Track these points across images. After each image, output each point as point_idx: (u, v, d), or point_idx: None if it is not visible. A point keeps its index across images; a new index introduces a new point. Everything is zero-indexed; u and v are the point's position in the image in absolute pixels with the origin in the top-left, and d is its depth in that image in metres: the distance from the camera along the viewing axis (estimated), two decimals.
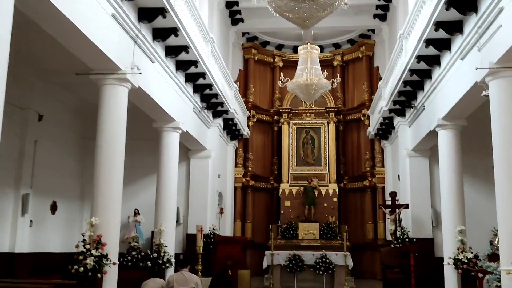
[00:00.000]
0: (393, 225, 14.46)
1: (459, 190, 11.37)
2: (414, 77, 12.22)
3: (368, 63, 20.29)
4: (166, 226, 11.62)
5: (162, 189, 11.89)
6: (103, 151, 8.56)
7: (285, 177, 19.87)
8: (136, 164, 15.20)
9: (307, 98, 14.14)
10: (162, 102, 10.80)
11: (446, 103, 10.95)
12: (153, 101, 10.31)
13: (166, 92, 11.20)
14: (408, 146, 15.01)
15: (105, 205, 8.39)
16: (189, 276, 8.43)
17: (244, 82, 20.42)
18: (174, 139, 12.13)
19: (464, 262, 10.60)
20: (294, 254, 14.43)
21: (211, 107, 14.87)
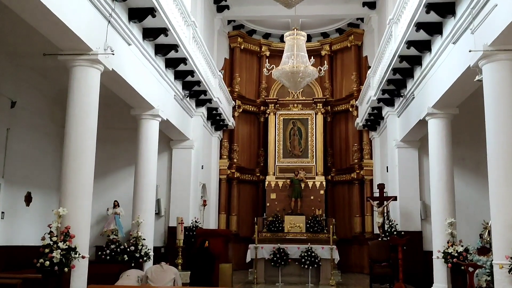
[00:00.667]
0: (381, 218, 14.05)
1: (449, 181, 10.96)
2: (403, 64, 11.77)
3: (356, 52, 19.85)
4: (144, 218, 11.09)
5: (140, 179, 11.35)
6: (72, 137, 8.01)
7: (271, 169, 19.44)
8: (116, 154, 14.70)
9: (293, 87, 13.64)
10: (139, 87, 10.24)
11: (437, 91, 10.52)
12: (129, 86, 9.74)
13: (144, 77, 10.64)
14: (396, 136, 14.61)
15: (74, 195, 7.86)
16: (167, 268, 8.20)
17: (229, 71, 19.91)
18: (153, 127, 11.58)
19: (454, 256, 10.19)
20: (279, 248, 13.97)
21: (193, 95, 14.32)
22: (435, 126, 11.12)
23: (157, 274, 8.06)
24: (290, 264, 13.95)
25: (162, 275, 8.05)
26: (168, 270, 8.25)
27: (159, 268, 8.20)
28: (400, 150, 14.52)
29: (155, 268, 8.22)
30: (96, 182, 14.84)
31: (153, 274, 8.05)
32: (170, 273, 8.17)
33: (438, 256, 10.50)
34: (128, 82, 9.62)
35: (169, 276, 8.12)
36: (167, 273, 8.14)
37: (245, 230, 18.88)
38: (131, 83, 9.80)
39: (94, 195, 14.59)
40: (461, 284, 10.15)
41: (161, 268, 8.20)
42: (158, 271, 8.12)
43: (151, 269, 8.20)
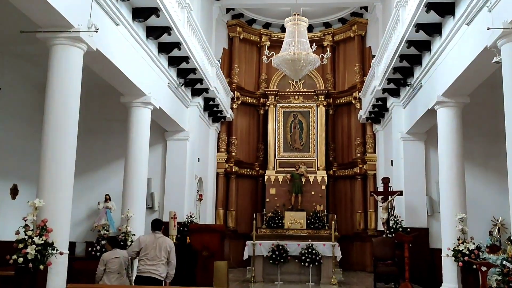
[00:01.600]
0: (385, 213, 13.36)
1: (460, 174, 10.26)
2: (411, 50, 11.07)
3: (360, 43, 19.16)
4: (134, 212, 10.41)
5: (131, 171, 10.66)
6: (52, 123, 7.32)
7: (271, 164, 18.78)
8: (108, 146, 14.04)
9: (294, 75, 12.95)
10: (128, 71, 9.54)
11: (447, 78, 9.83)
12: (117, 69, 9.04)
13: (134, 61, 9.93)
14: (402, 129, 13.92)
15: (53, 185, 7.18)
16: (163, 240, 7.40)
17: (228, 61, 19.23)
18: (144, 115, 10.89)
19: (465, 254, 9.50)
20: (278, 244, 13.27)
21: (189, 83, 13.62)
22: (444, 116, 10.42)
23: (151, 245, 7.24)
24: (289, 261, 13.25)
25: (157, 247, 7.25)
26: (163, 241, 7.38)
27: (153, 238, 7.34)
28: (406, 142, 13.84)
29: (149, 237, 7.37)
30: (87, 175, 14.43)
31: (148, 245, 7.25)
32: (165, 246, 7.34)
33: (448, 254, 9.81)
34: (116, 65, 8.91)
35: (164, 249, 7.30)
36: (162, 245, 7.31)
37: (244, 226, 18.23)
38: (120, 67, 9.09)
39: (85, 188, 14.29)
40: (472, 284, 9.46)
41: (156, 239, 7.35)
42: (153, 242, 7.28)
43: (146, 239, 7.35)
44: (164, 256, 7.27)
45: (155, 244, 7.27)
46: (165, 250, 7.29)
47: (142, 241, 7.37)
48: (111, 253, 7.80)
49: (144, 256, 7.23)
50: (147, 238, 7.43)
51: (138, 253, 7.32)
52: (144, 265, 7.21)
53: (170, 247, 7.39)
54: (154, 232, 7.49)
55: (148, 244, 7.27)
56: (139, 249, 7.31)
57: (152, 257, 7.20)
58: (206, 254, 10.83)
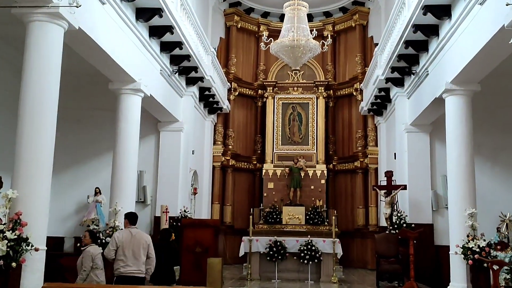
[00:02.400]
0: (388, 208, 12.74)
1: (469, 167, 9.65)
2: (418, 35, 10.44)
3: (361, 32, 18.51)
4: (123, 206, 9.76)
5: (119, 161, 10.04)
6: (28, 108, 6.70)
7: (269, 157, 18.18)
8: (98, 137, 13.41)
9: (293, 62, 12.32)
10: (115, 55, 8.89)
11: (457, 63, 9.20)
12: (102, 51, 8.39)
13: (122, 43, 9.29)
14: (406, 120, 13.30)
15: (30, 176, 6.56)
16: (140, 236, 6.87)
17: (225, 51, 18.57)
18: (134, 103, 10.25)
19: (475, 252, 8.90)
20: (276, 241, 12.63)
21: (183, 71, 12.97)
22: (453, 105, 9.80)
23: (128, 242, 6.72)
24: (288, 258, 12.61)
25: (134, 244, 6.74)
26: (140, 237, 6.87)
27: (129, 234, 6.82)
28: (410, 134, 13.22)
29: (125, 234, 6.83)
30: (76, 168, 13.80)
31: (124, 242, 6.72)
32: (142, 242, 6.84)
33: (457, 252, 9.21)
34: (102, 47, 8.27)
35: (141, 245, 6.80)
36: (139, 241, 6.81)
37: (241, 221, 17.64)
38: (106, 49, 8.45)
39: (74, 181, 13.66)
40: (483, 283, 8.89)
41: (131, 235, 6.82)
42: (129, 239, 6.75)
43: (122, 236, 6.79)
44: (143, 253, 6.76)
45: (132, 242, 6.74)
46: (143, 247, 6.79)
47: (119, 239, 6.77)
48: (95, 248, 7.34)
49: (123, 255, 6.67)
50: (123, 236, 6.82)
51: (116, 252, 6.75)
52: (125, 266, 6.66)
53: (148, 242, 6.89)
54: (129, 227, 6.94)
55: (125, 242, 6.72)
56: (116, 248, 6.72)
57: (130, 256, 6.66)
58: (199, 250, 10.24)
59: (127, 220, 7.06)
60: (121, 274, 6.64)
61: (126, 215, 7.15)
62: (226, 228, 16.90)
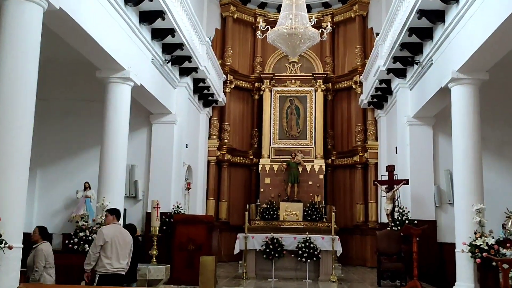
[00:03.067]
0: (390, 204, 12.25)
1: (477, 160, 9.15)
2: (422, 22, 9.93)
3: (361, 24, 17.99)
4: (111, 201, 9.26)
5: (107, 154, 9.51)
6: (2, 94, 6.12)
7: (266, 152, 17.67)
8: (88, 129, 12.83)
9: (291, 52, 11.76)
10: (102, 40, 8.35)
11: (464, 51, 8.70)
12: (86, 35, 7.83)
13: (109, 28, 8.73)
14: (408, 112, 12.80)
15: (3, 168, 5.99)
16: (125, 232, 6.66)
17: (221, 43, 18.04)
18: (123, 93, 9.71)
19: (484, 250, 8.41)
20: (272, 238, 12.11)
21: (176, 61, 12.42)
22: (460, 95, 9.30)
23: (118, 240, 6.36)
24: (285, 256, 12.08)
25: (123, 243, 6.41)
26: (127, 237, 6.59)
27: (118, 231, 6.45)
28: (412, 127, 12.72)
29: (114, 230, 6.42)
30: (65, 162, 13.22)
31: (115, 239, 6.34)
32: (128, 242, 6.57)
33: (464, 250, 8.72)
34: (86, 31, 7.72)
35: (128, 245, 6.52)
36: (126, 241, 6.52)
37: (236, 218, 17.13)
38: (91, 33, 7.90)
39: (62, 176, 13.10)
40: (491, 283, 8.41)
41: (120, 233, 6.48)
42: (119, 237, 6.40)
43: (110, 233, 6.36)
44: (129, 249, 6.50)
45: (120, 238, 6.39)
46: (129, 243, 6.52)
47: (107, 234, 6.34)
48: (47, 245, 7.00)
49: (110, 252, 6.26)
50: (110, 231, 6.41)
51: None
52: (111, 263, 6.26)
53: (130, 239, 6.66)
54: (115, 224, 6.57)
55: (114, 238, 6.33)
56: (104, 243, 6.27)
57: (117, 252, 6.29)
58: (192, 248, 9.73)
59: (114, 216, 6.65)
60: (108, 272, 6.24)
61: (112, 211, 6.74)
62: (221, 225, 16.36)
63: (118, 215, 6.73)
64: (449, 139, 12.06)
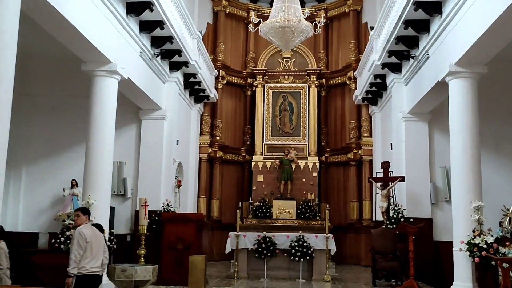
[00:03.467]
0: (385, 202, 11.97)
1: (475, 156, 8.88)
2: (419, 14, 9.65)
3: (355, 19, 17.70)
4: (97, 199, 8.94)
5: (93, 150, 9.16)
6: None
7: (259, 149, 17.35)
8: (75, 126, 12.43)
9: (284, 45, 11.47)
10: (85, 30, 7.99)
11: (462, 43, 8.43)
12: (68, 24, 7.47)
13: (93, 18, 8.38)
14: (403, 108, 12.52)
15: None
16: (98, 231, 6.42)
17: (213, 38, 17.70)
18: (110, 87, 9.36)
19: (482, 248, 8.14)
20: (265, 236, 11.79)
21: (165, 55, 12.07)
22: (457, 89, 9.02)
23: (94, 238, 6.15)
24: (277, 255, 11.78)
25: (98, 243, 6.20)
26: (101, 237, 6.41)
27: (92, 231, 6.22)
28: (408, 123, 12.44)
29: (91, 231, 6.19)
30: (52, 159, 12.79)
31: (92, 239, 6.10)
32: (102, 242, 6.39)
33: (462, 248, 8.44)
34: (68, 19, 7.36)
35: (102, 246, 6.32)
36: (100, 241, 6.32)
37: (229, 216, 16.81)
38: (73, 22, 7.55)
39: (49, 173, 12.69)
40: (490, 283, 8.14)
41: (95, 233, 6.23)
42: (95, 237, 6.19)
43: (88, 232, 6.10)
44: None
45: (96, 238, 6.17)
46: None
47: (88, 235, 6.07)
48: (5, 244, 6.89)
49: (89, 253, 6.01)
50: (88, 231, 6.14)
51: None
52: (89, 263, 6.02)
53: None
54: (88, 223, 6.33)
55: (92, 239, 6.09)
56: (86, 244, 6.01)
57: (95, 252, 6.08)
58: (181, 247, 9.41)
59: (87, 216, 6.36)
60: (86, 272, 5.97)
61: (83, 210, 6.46)
62: (213, 223, 16.06)
63: (90, 213, 6.52)
64: (445, 135, 11.84)
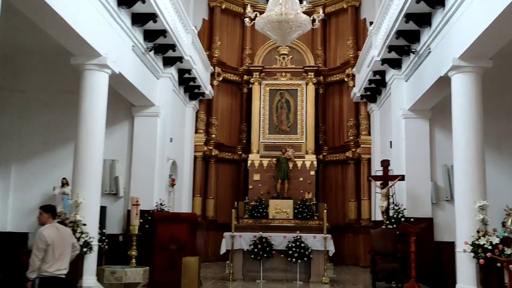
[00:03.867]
0: (385, 201, 11.65)
1: (479, 153, 8.55)
2: (421, 7, 9.34)
3: (354, 15, 17.39)
4: (86, 197, 8.61)
5: (82, 147, 8.85)
6: None
7: (255, 147, 17.01)
8: (67, 122, 12.01)
9: (281, 40, 11.10)
10: (74, 21, 7.64)
11: (466, 36, 8.11)
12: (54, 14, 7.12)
13: (82, 9, 8.04)
14: (403, 105, 12.20)
15: None
16: (64, 230, 6.12)
17: (208, 34, 17.35)
18: (100, 81, 9.02)
19: (487, 249, 7.82)
20: (261, 237, 11.45)
21: (159, 49, 11.71)
22: (461, 84, 8.69)
23: (59, 241, 5.80)
24: (274, 256, 11.42)
25: (63, 243, 5.87)
26: (68, 235, 6.10)
27: (56, 231, 5.87)
28: (408, 121, 12.12)
29: (55, 232, 5.83)
30: (42, 156, 12.40)
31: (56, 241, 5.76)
32: (69, 240, 6.06)
33: (465, 250, 8.10)
34: (54, 9, 7.01)
35: (69, 245, 6.01)
36: (66, 240, 5.99)
37: (224, 216, 16.42)
38: (62, 14, 7.21)
39: (39, 171, 12.25)
40: (496, 285, 7.81)
41: (59, 233, 5.89)
42: (59, 238, 5.84)
43: (51, 234, 5.76)
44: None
45: (61, 239, 5.82)
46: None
47: (49, 236, 5.71)
48: None
49: (51, 255, 5.68)
50: (51, 232, 5.79)
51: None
52: (52, 265, 5.71)
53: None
54: (52, 222, 5.96)
55: (56, 239, 5.74)
56: (46, 246, 5.67)
57: (60, 254, 5.75)
58: (174, 248, 9.06)
59: (49, 214, 6.00)
60: (51, 274, 5.65)
61: (46, 208, 6.08)
62: (208, 223, 15.71)
63: (54, 212, 6.12)
64: (447, 133, 11.54)
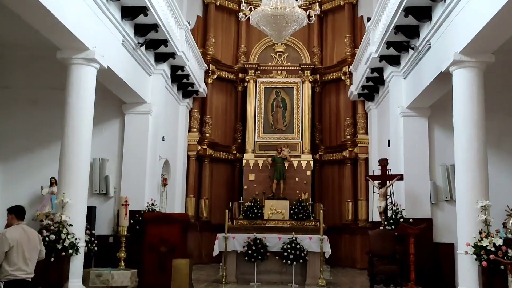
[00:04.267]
0: (383, 201, 11.34)
1: (481, 151, 8.26)
2: (421, 0, 9.01)
3: (351, 12, 17.06)
4: (72, 197, 8.27)
5: (68, 144, 8.51)
6: None
7: (250, 146, 16.67)
8: (55, 120, 11.58)
9: (277, 35, 10.81)
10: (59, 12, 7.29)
11: (468, 30, 7.82)
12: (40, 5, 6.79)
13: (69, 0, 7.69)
14: (402, 103, 11.90)
15: None
16: (32, 232, 5.85)
17: (202, 31, 17.02)
18: (88, 76, 8.68)
19: (490, 251, 7.51)
20: (255, 238, 11.09)
21: (150, 45, 11.35)
22: (462, 79, 8.41)
23: (25, 243, 5.57)
24: (269, 258, 11.06)
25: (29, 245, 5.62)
26: (33, 237, 5.79)
27: (23, 233, 5.63)
28: (406, 119, 11.82)
29: (20, 233, 5.58)
30: (30, 155, 11.97)
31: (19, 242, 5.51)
32: (36, 242, 5.77)
33: (467, 251, 7.79)
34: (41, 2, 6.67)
35: (35, 247, 5.74)
36: (32, 241, 5.71)
37: (218, 216, 16.05)
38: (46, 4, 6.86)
39: (27, 170, 11.82)
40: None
41: (26, 234, 5.65)
42: (25, 239, 5.60)
43: (15, 235, 5.52)
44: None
45: (26, 241, 5.56)
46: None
47: (12, 238, 5.46)
48: None
49: (16, 257, 5.45)
50: (15, 233, 5.53)
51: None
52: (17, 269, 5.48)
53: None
54: (18, 224, 5.69)
55: (20, 241, 5.49)
56: (9, 249, 5.41)
57: (23, 256, 5.49)
58: (164, 250, 8.70)
59: (13, 215, 5.74)
60: (16, 277, 5.41)
61: (12, 210, 5.81)
62: (202, 224, 15.36)
63: (19, 213, 5.80)
64: (446, 131, 11.25)
